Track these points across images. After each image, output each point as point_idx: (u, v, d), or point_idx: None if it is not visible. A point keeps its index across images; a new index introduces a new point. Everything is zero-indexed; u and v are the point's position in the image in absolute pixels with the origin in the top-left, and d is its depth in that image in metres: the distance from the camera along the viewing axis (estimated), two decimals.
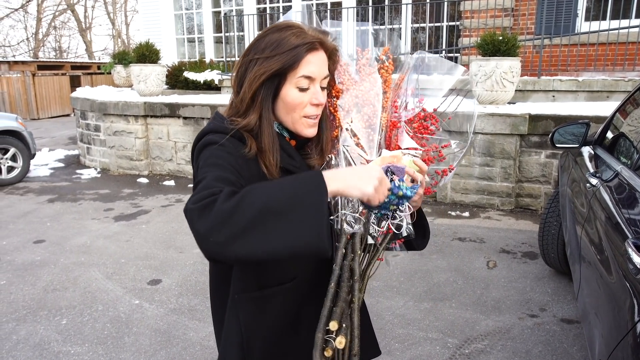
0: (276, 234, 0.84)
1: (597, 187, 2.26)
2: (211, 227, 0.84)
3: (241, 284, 1.14)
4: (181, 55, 11.61)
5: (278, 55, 1.06)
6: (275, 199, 0.86)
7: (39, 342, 2.92)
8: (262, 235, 0.84)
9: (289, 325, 1.19)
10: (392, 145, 1.19)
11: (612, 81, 6.30)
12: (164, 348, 2.84)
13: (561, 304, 3.26)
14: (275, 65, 1.06)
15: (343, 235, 1.12)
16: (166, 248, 4.39)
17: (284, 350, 1.19)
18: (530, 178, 5.28)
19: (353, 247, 1.12)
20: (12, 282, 3.74)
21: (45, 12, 27.39)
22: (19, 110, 15.12)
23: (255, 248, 0.84)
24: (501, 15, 7.68)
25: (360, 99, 1.18)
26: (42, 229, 4.96)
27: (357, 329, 1.09)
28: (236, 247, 0.84)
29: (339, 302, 1.07)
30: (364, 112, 1.17)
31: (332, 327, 1.04)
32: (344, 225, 1.12)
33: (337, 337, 1.04)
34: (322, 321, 1.05)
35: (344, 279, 1.09)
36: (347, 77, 1.20)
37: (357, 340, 1.09)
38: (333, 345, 1.03)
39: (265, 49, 1.07)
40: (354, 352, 1.08)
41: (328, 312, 1.06)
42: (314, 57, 1.08)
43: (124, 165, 7.55)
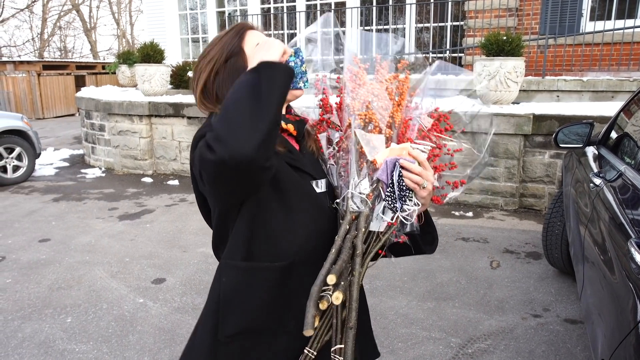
0: (260, 103, 0.96)
1: (600, 187, 2.26)
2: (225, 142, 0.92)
3: (230, 252, 1.14)
4: (185, 55, 11.65)
5: (218, 42, 1.19)
6: (241, 92, 0.98)
7: (44, 340, 2.94)
8: (256, 112, 0.95)
9: (274, 309, 1.14)
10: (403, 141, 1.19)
11: (617, 81, 6.27)
12: (167, 346, 2.86)
13: (564, 304, 3.26)
14: (219, 49, 1.17)
15: (348, 214, 1.12)
16: (170, 247, 4.41)
17: (262, 332, 1.15)
18: (534, 178, 5.27)
19: (357, 225, 1.12)
20: (18, 280, 3.76)
21: (51, 13, 27.52)
22: (24, 109, 15.20)
23: (259, 125, 0.94)
24: (505, 15, 7.66)
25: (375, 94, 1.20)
26: (47, 228, 4.98)
27: (355, 302, 1.08)
28: (249, 136, 0.93)
29: (338, 262, 1.06)
30: (379, 105, 1.19)
31: (330, 280, 1.03)
32: (349, 204, 1.13)
33: (334, 292, 1.03)
34: (319, 278, 1.04)
35: (345, 248, 1.09)
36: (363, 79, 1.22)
37: (355, 313, 1.07)
38: (329, 299, 1.02)
39: (205, 51, 1.21)
40: (350, 325, 1.07)
41: (326, 271, 1.05)
42: (251, 33, 1.20)
43: (128, 164, 7.58)
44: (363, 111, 1.17)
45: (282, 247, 1.13)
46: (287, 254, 1.13)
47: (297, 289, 1.13)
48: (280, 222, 1.12)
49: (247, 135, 0.92)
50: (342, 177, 1.20)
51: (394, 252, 1.27)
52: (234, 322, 1.13)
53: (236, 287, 1.13)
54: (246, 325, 1.14)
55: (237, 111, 0.94)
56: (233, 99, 0.96)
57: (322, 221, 1.17)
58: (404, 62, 1.24)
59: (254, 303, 1.13)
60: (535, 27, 7.61)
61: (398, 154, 1.13)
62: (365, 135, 1.16)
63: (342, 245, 1.09)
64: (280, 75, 1.00)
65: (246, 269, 1.13)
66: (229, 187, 1.01)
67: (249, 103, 0.95)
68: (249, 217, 1.10)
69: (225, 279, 1.14)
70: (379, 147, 1.15)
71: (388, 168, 1.12)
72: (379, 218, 1.14)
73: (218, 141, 0.91)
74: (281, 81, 1.00)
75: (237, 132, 0.92)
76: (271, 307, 1.14)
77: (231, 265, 1.14)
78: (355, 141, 1.17)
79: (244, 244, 1.12)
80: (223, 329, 1.14)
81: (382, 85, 1.19)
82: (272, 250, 1.12)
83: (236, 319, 1.13)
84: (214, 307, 1.16)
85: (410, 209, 1.13)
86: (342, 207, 1.16)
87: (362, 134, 1.15)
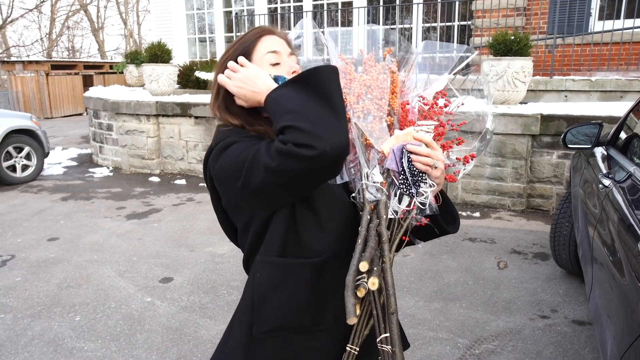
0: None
1: (610, 188, 2.24)
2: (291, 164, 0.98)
3: (265, 249, 1.15)
4: (192, 55, 11.68)
5: (232, 50, 1.20)
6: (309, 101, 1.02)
7: (53, 338, 2.96)
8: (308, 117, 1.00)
9: (309, 306, 1.15)
10: (406, 125, 1.19)
11: (626, 81, 6.23)
12: (175, 345, 2.87)
13: (572, 305, 3.24)
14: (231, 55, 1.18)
15: (367, 205, 1.13)
16: (177, 246, 4.43)
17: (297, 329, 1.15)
18: (541, 179, 5.24)
19: (378, 214, 1.13)
20: (27, 278, 3.79)
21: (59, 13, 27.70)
22: (32, 109, 15.31)
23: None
24: (513, 14, 7.63)
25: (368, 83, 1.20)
26: (55, 227, 5.02)
27: (391, 287, 1.07)
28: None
29: (367, 250, 1.06)
30: (373, 95, 1.19)
31: (363, 267, 1.03)
32: (365, 194, 1.14)
33: (369, 279, 1.03)
34: (351, 268, 1.04)
35: (371, 236, 1.09)
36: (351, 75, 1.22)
37: (394, 298, 1.07)
38: (366, 285, 1.02)
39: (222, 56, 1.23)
40: (392, 311, 1.06)
41: (357, 261, 1.05)
42: (268, 38, 1.20)
43: (135, 164, 7.62)
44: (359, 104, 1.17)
45: (314, 244, 1.14)
46: (319, 251, 1.14)
47: (332, 284, 1.14)
48: (310, 219, 1.13)
49: (338, 127, 0.98)
50: (352, 171, 1.21)
51: (419, 237, 1.28)
52: (269, 318, 1.14)
53: (271, 283, 1.14)
54: (281, 321, 1.14)
55: (316, 111, 0.99)
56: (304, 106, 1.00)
57: (346, 215, 1.19)
58: (388, 50, 1.25)
59: (289, 299, 1.14)
60: (543, 27, 7.57)
61: (404, 139, 1.13)
62: (367, 126, 1.16)
63: (368, 235, 1.10)
64: (331, 76, 1.03)
65: (280, 265, 1.14)
66: (308, 184, 1.05)
67: (322, 103, 1.00)
68: (282, 217, 1.12)
69: (260, 274, 1.15)
70: (384, 136, 1.16)
71: (396, 156, 1.13)
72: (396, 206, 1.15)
73: (313, 137, 0.95)
74: (335, 79, 1.04)
75: (327, 126, 0.97)
76: (306, 304, 1.14)
77: (266, 261, 1.14)
78: (358, 134, 1.17)
79: (278, 242, 1.13)
80: (258, 325, 1.14)
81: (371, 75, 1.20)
82: (305, 247, 1.13)
83: (271, 315, 1.14)
84: (249, 303, 1.17)
85: (425, 191, 1.13)
86: (359, 200, 1.17)
87: (363, 126, 1.16)
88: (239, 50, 1.19)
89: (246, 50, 1.19)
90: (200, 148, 7.17)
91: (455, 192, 5.58)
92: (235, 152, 1.07)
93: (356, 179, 1.19)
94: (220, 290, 3.56)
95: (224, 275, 3.81)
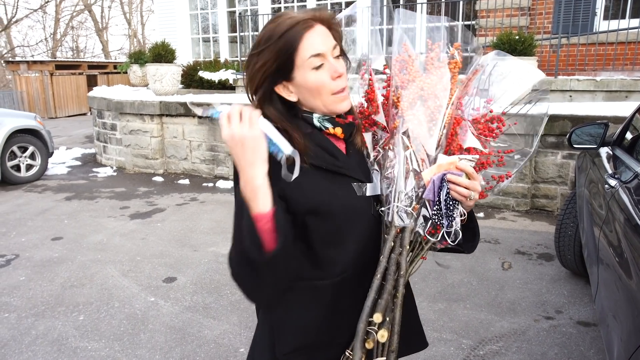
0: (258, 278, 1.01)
1: (615, 189, 2.23)
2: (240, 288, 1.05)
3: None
4: (196, 54, 11.70)
5: (271, 46, 1.04)
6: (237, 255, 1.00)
7: (57, 338, 2.97)
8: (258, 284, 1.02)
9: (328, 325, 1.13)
10: (454, 143, 1.13)
11: (631, 81, 6.19)
12: (179, 345, 2.87)
13: (578, 306, 3.22)
14: (272, 55, 1.03)
15: (393, 228, 1.09)
16: (181, 246, 4.43)
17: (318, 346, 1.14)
18: (546, 179, 5.22)
19: (402, 241, 1.09)
20: (31, 278, 3.80)
21: (63, 13, 27.79)
22: (37, 109, 15.36)
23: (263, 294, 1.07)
24: (517, 14, 7.60)
25: (426, 92, 1.12)
26: (59, 227, 5.03)
27: (397, 325, 1.06)
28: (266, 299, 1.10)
29: (384, 295, 1.04)
30: (428, 105, 1.12)
31: (377, 319, 1.01)
32: (395, 217, 1.09)
33: (379, 330, 1.01)
34: (365, 312, 1.03)
35: (390, 272, 1.06)
36: (413, 69, 1.14)
37: (397, 336, 1.06)
38: (375, 337, 1.01)
39: (259, 45, 1.06)
40: (392, 349, 1.06)
41: (372, 304, 1.03)
42: (313, 33, 1.04)
43: (139, 163, 7.63)
44: (412, 111, 1.10)
45: (332, 265, 1.10)
46: (337, 271, 1.10)
47: (350, 302, 1.12)
48: (329, 242, 1.09)
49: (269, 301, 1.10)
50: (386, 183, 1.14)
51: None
52: (289, 340, 1.12)
53: (288, 306, 1.12)
54: (301, 341, 1.13)
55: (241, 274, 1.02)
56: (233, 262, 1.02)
57: (368, 230, 1.13)
58: (456, 45, 1.15)
59: (308, 321, 1.12)
60: (547, 27, 7.54)
61: (446, 168, 1.08)
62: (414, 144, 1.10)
63: (388, 267, 1.07)
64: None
65: (297, 288, 1.10)
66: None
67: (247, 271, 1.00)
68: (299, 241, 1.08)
69: (287, 301, 1.13)
70: (428, 155, 1.10)
71: (435, 186, 1.08)
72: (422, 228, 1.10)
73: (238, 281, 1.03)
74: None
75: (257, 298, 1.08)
76: (325, 323, 1.12)
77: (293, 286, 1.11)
78: (402, 147, 1.10)
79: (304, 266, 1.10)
80: (280, 348, 1.13)
81: (432, 79, 1.11)
82: (322, 268, 1.10)
83: (291, 338, 1.12)
84: (267, 327, 1.16)
85: (456, 221, 1.09)
86: (386, 217, 1.11)
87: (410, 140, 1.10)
88: (280, 59, 1.04)
89: (290, 50, 1.03)
90: (204, 148, 7.17)
91: None
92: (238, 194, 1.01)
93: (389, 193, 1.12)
94: (224, 290, 3.55)
95: (227, 275, 3.80)
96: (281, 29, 1.03)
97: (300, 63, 1.04)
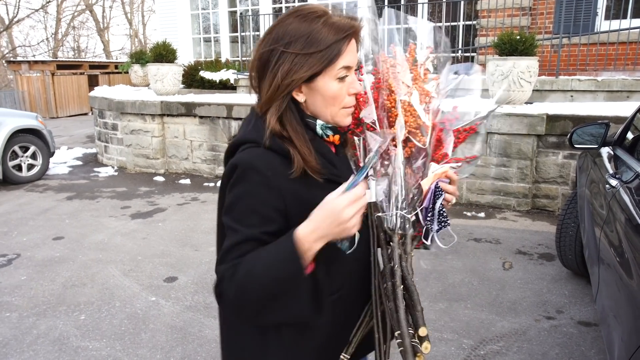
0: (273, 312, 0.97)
1: (617, 189, 2.22)
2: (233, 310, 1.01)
3: None
4: (197, 54, 11.70)
5: (317, 53, 0.98)
6: (263, 287, 0.94)
7: (58, 337, 2.97)
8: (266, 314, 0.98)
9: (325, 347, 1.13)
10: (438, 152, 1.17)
11: (633, 81, 6.19)
12: (180, 345, 2.87)
13: (579, 306, 3.22)
14: (317, 65, 0.99)
15: (395, 235, 1.09)
16: (182, 246, 4.44)
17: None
18: (547, 179, 5.22)
19: (405, 248, 1.09)
20: (32, 277, 3.81)
21: (65, 13, 27.82)
22: (38, 109, 15.38)
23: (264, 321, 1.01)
24: (519, 14, 7.60)
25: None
26: (60, 226, 5.04)
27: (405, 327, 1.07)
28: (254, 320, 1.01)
29: (417, 306, 1.04)
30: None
31: (422, 333, 1.01)
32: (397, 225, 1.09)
33: (422, 342, 1.01)
34: (402, 324, 1.02)
35: (407, 280, 1.06)
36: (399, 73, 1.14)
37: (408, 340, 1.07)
38: (420, 349, 1.01)
39: (295, 43, 0.98)
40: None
41: (414, 318, 1.03)
42: (350, 46, 1.02)
43: (140, 163, 7.64)
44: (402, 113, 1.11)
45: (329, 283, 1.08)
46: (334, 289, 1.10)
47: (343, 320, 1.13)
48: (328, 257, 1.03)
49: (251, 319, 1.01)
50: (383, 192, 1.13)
51: None
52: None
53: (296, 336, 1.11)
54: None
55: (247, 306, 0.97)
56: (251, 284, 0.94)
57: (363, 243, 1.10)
58: (412, 45, 1.15)
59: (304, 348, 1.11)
60: (549, 27, 7.54)
61: (439, 176, 1.13)
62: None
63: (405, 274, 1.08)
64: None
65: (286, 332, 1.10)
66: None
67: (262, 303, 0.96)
68: None
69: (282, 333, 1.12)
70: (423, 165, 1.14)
71: (431, 194, 1.12)
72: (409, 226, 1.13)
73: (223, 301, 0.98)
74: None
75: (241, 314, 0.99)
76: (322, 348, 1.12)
77: None
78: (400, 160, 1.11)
79: None
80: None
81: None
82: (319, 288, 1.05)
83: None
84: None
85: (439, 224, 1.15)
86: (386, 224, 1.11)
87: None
88: (326, 61, 1.00)
89: (332, 61, 1.00)
90: (205, 147, 7.18)
91: (460, 192, 5.55)
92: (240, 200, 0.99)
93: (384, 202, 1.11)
94: None
95: None
96: (329, 39, 0.99)
97: (330, 71, 1.01)
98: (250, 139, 1.03)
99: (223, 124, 6.94)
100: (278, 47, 1.00)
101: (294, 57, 0.99)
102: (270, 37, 1.02)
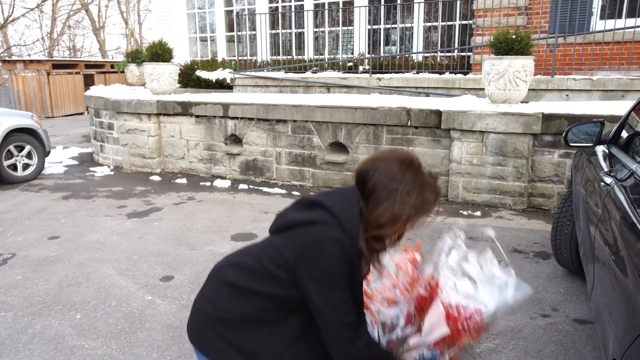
0: None
1: (611, 187, 2.24)
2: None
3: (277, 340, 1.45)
4: (193, 54, 11.69)
5: (422, 207, 1.43)
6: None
7: (53, 336, 2.96)
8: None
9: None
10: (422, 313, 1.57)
11: (628, 80, 6.22)
12: (176, 343, 2.87)
13: (574, 304, 3.24)
14: (418, 215, 1.43)
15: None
16: (178, 245, 4.43)
17: None
18: (543, 177, 5.24)
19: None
20: (28, 277, 3.79)
21: (60, 12, 27.73)
22: (34, 108, 15.31)
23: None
24: (515, 13, 7.62)
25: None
26: (56, 226, 5.02)
27: None
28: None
29: None
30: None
31: None
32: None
33: None
34: None
35: None
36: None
37: None
38: None
39: (411, 191, 1.38)
40: None
41: None
42: None
43: (136, 163, 7.62)
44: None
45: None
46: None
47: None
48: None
49: None
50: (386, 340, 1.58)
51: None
52: None
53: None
54: None
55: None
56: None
57: None
58: (418, 245, 1.74)
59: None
60: (544, 26, 7.56)
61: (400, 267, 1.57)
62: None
63: None
64: None
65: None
66: None
67: None
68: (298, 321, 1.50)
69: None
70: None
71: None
72: None
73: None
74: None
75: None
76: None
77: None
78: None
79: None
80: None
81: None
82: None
83: None
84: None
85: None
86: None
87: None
88: (425, 212, 1.47)
89: (430, 210, 1.48)
90: (201, 147, 7.17)
91: (456, 191, 5.57)
92: (331, 272, 1.32)
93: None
94: None
95: None
96: (432, 203, 1.47)
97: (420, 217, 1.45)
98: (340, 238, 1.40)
99: (219, 123, 6.94)
100: (399, 187, 1.45)
101: (412, 202, 1.46)
102: (397, 176, 1.46)
